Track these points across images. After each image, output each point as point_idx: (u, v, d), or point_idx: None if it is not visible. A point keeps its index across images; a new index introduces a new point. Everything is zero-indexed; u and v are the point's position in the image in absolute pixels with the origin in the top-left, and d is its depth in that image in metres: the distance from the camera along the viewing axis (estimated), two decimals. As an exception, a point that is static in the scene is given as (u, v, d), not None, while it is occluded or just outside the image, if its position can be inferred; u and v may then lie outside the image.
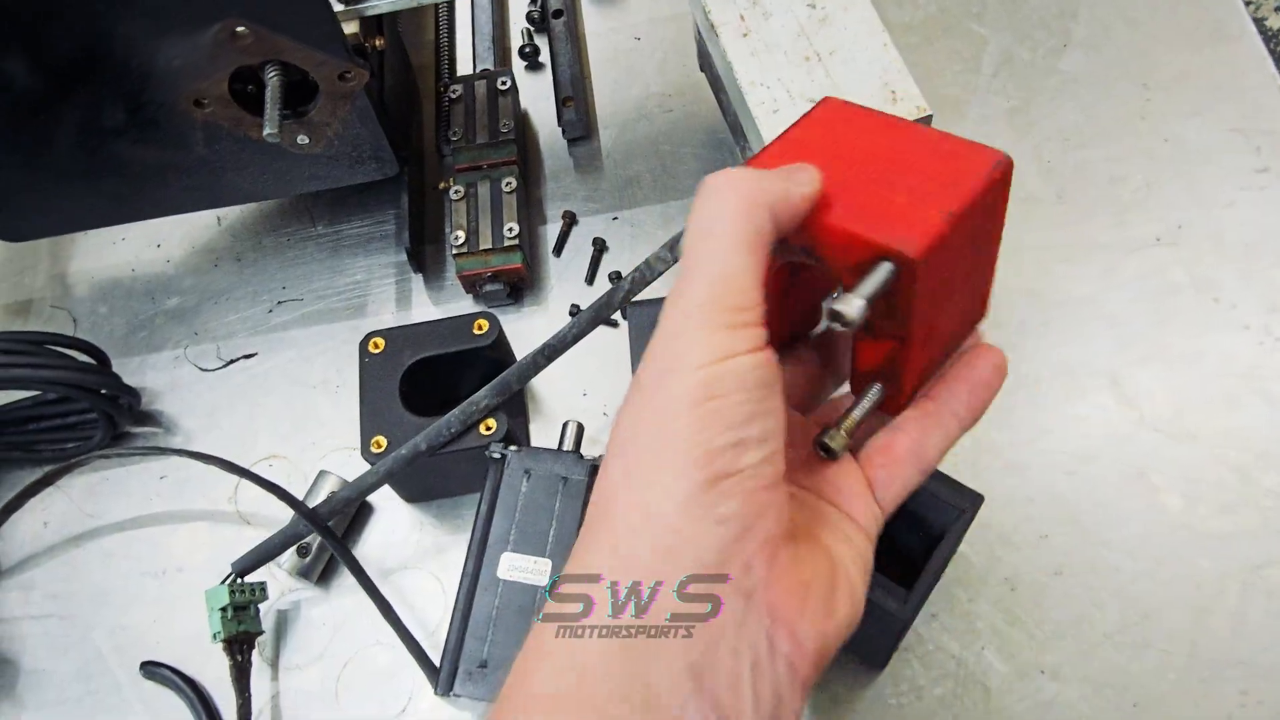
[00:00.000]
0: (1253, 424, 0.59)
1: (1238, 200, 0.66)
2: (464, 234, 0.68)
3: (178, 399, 0.69)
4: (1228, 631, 0.55)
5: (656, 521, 0.31)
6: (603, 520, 0.33)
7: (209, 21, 0.56)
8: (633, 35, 0.81)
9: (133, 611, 0.63)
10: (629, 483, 0.32)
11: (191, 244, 0.75)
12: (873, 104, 0.55)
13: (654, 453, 0.32)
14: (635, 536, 0.32)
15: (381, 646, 0.59)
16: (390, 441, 0.58)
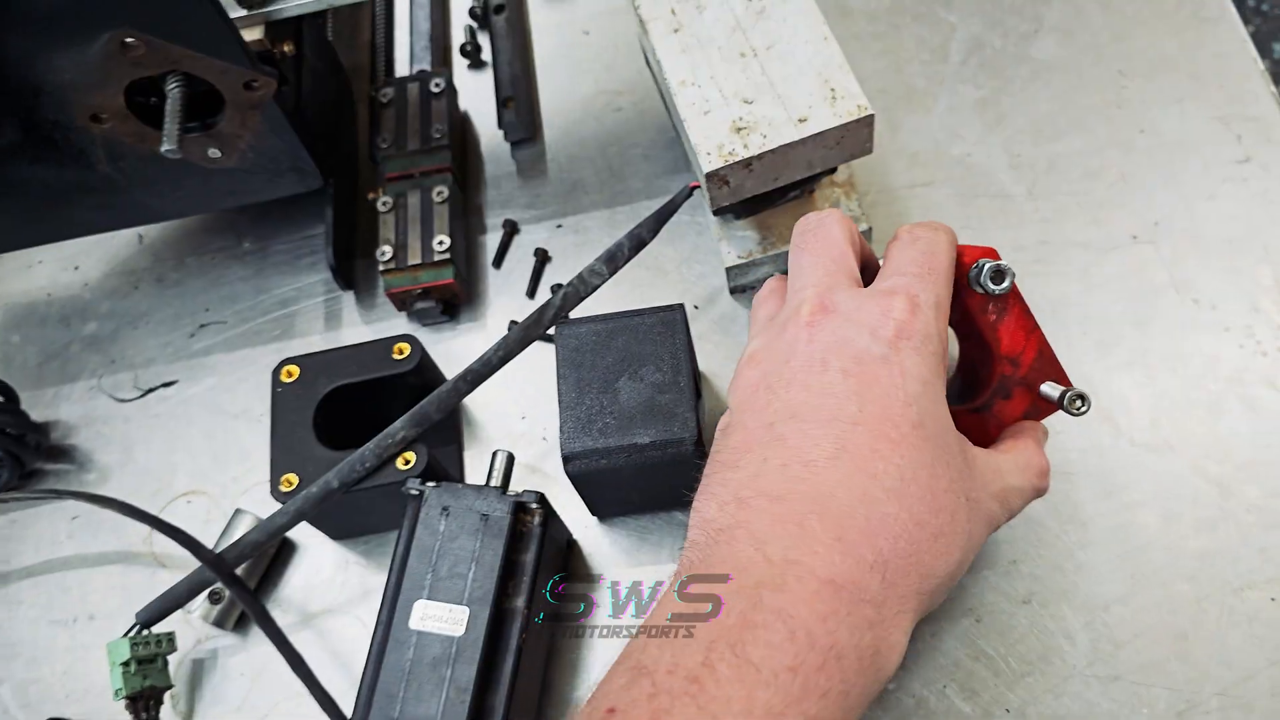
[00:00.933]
0: (1234, 433, 0.55)
1: (1219, 193, 0.61)
2: (391, 249, 0.64)
3: (93, 433, 0.65)
4: (1207, 660, 0.50)
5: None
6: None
7: (94, 33, 0.52)
8: (581, 30, 0.76)
9: (41, 664, 0.59)
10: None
11: (110, 265, 0.71)
12: (810, 101, 0.50)
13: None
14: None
15: (304, 698, 0.55)
16: (302, 478, 0.54)
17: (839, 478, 0.39)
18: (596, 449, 0.50)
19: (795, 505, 0.39)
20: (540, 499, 0.51)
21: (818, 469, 0.39)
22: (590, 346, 0.52)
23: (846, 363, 0.41)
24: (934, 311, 0.42)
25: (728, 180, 0.51)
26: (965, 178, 0.65)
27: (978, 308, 0.46)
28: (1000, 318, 0.46)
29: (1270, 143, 0.62)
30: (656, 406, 0.51)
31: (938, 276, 0.44)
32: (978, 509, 0.42)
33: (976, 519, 0.42)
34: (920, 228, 0.46)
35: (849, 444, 0.40)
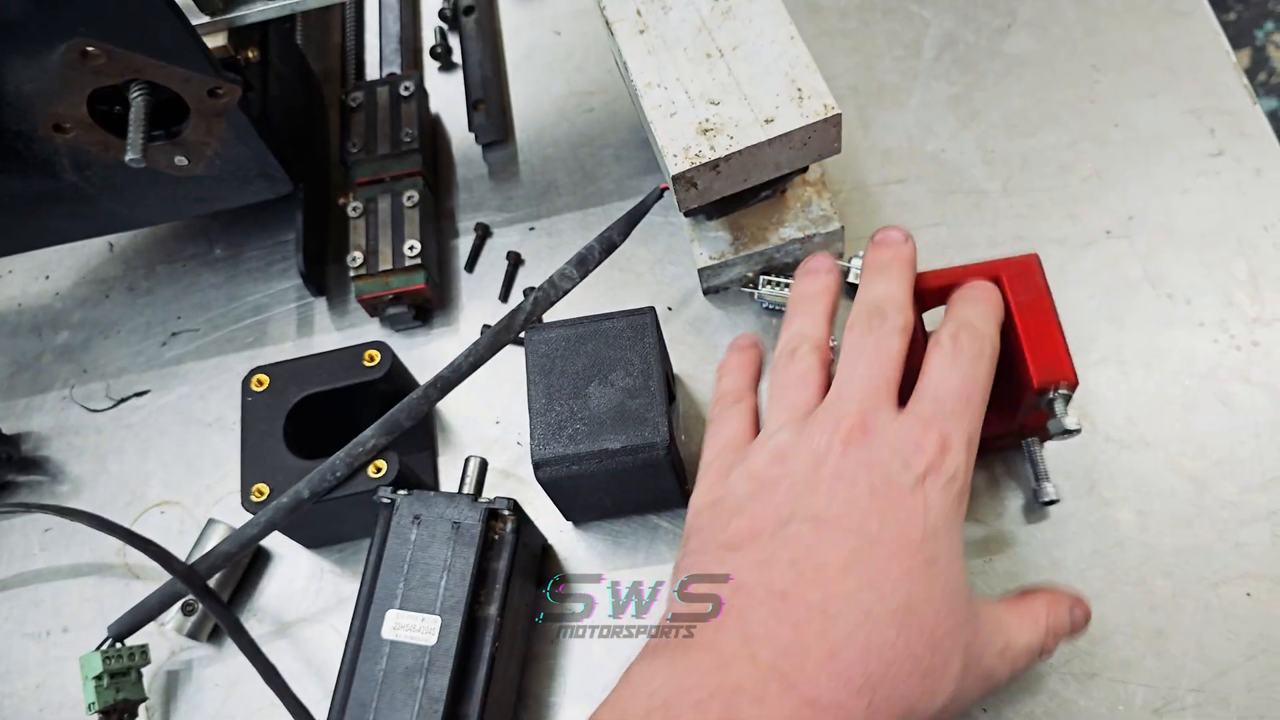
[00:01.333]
0: (1209, 429, 0.55)
1: (1193, 187, 0.61)
2: (361, 254, 0.63)
3: (65, 444, 0.65)
4: (1183, 656, 0.50)
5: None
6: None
7: (54, 42, 0.51)
8: (552, 30, 0.76)
9: (14, 678, 0.59)
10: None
11: (81, 274, 0.71)
12: (777, 102, 0.50)
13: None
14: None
15: (278, 708, 0.54)
16: (273, 488, 0.53)
17: (848, 589, 0.39)
18: (567, 455, 0.50)
19: (797, 607, 0.39)
20: (513, 505, 0.51)
21: (828, 575, 0.39)
22: (560, 352, 0.52)
23: (876, 482, 0.41)
24: (965, 450, 0.43)
25: (695, 182, 0.51)
26: (939, 174, 0.64)
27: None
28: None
29: (1243, 136, 0.62)
30: (627, 412, 0.50)
31: (974, 413, 0.44)
32: (976, 662, 0.41)
33: (972, 670, 0.41)
34: (965, 334, 0.46)
35: (864, 558, 0.40)
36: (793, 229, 0.59)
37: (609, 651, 0.54)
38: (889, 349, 0.45)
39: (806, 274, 0.50)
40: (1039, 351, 0.48)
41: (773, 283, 0.60)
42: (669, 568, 0.48)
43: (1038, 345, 0.48)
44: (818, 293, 0.49)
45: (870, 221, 0.63)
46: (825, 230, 0.59)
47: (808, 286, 0.50)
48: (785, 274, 0.61)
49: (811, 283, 0.50)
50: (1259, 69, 1.81)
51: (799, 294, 0.50)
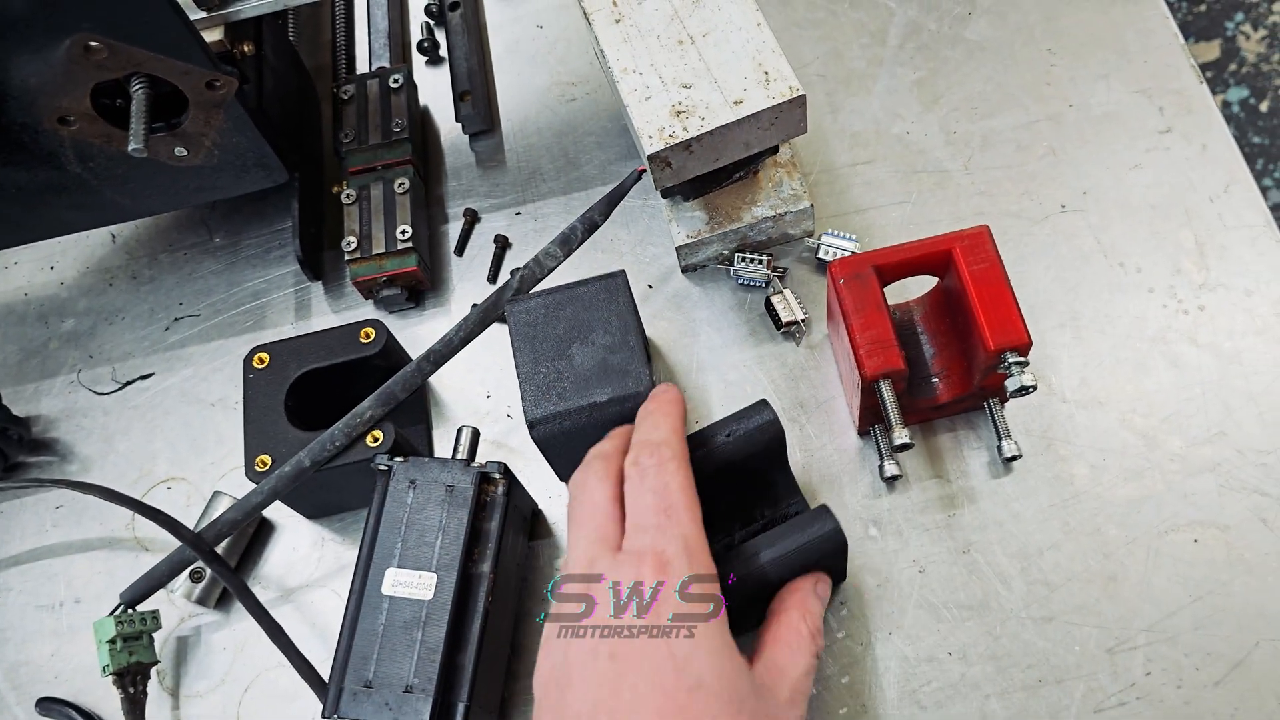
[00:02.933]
0: (1158, 388, 0.58)
1: (1143, 163, 0.65)
2: (356, 239, 0.66)
3: (73, 425, 0.67)
4: (1134, 598, 0.54)
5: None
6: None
7: (59, 37, 0.54)
8: (535, 23, 0.79)
9: (30, 647, 0.61)
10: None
11: (85, 263, 0.74)
12: (745, 85, 0.53)
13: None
14: None
15: (284, 668, 0.57)
16: (275, 459, 0.56)
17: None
18: (558, 412, 0.53)
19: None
20: (503, 469, 0.54)
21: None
22: (541, 319, 0.55)
23: (613, 646, 0.44)
24: (685, 553, 0.44)
25: (669, 161, 0.54)
26: (904, 155, 0.68)
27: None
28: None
29: (1190, 113, 0.65)
30: (610, 366, 0.53)
31: (680, 515, 0.46)
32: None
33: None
34: (643, 453, 0.48)
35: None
36: (765, 208, 0.62)
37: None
38: (590, 500, 0.48)
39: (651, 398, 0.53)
40: (993, 317, 0.51)
41: (747, 259, 0.63)
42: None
43: (991, 311, 0.51)
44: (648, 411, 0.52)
45: (839, 201, 0.67)
46: (795, 208, 0.62)
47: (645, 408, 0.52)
48: (759, 251, 0.64)
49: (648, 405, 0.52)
50: (1229, 59, 1.85)
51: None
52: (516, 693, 0.56)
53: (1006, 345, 0.51)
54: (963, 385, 0.56)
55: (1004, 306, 0.52)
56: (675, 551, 0.44)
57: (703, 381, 0.63)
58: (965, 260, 0.52)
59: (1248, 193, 0.62)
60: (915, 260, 0.54)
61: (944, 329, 0.57)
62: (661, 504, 0.46)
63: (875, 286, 0.53)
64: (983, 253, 0.53)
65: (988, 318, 0.51)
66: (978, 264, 0.52)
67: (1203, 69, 1.81)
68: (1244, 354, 0.58)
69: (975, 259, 0.52)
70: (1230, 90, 1.83)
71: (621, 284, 0.56)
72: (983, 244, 0.53)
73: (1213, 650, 0.52)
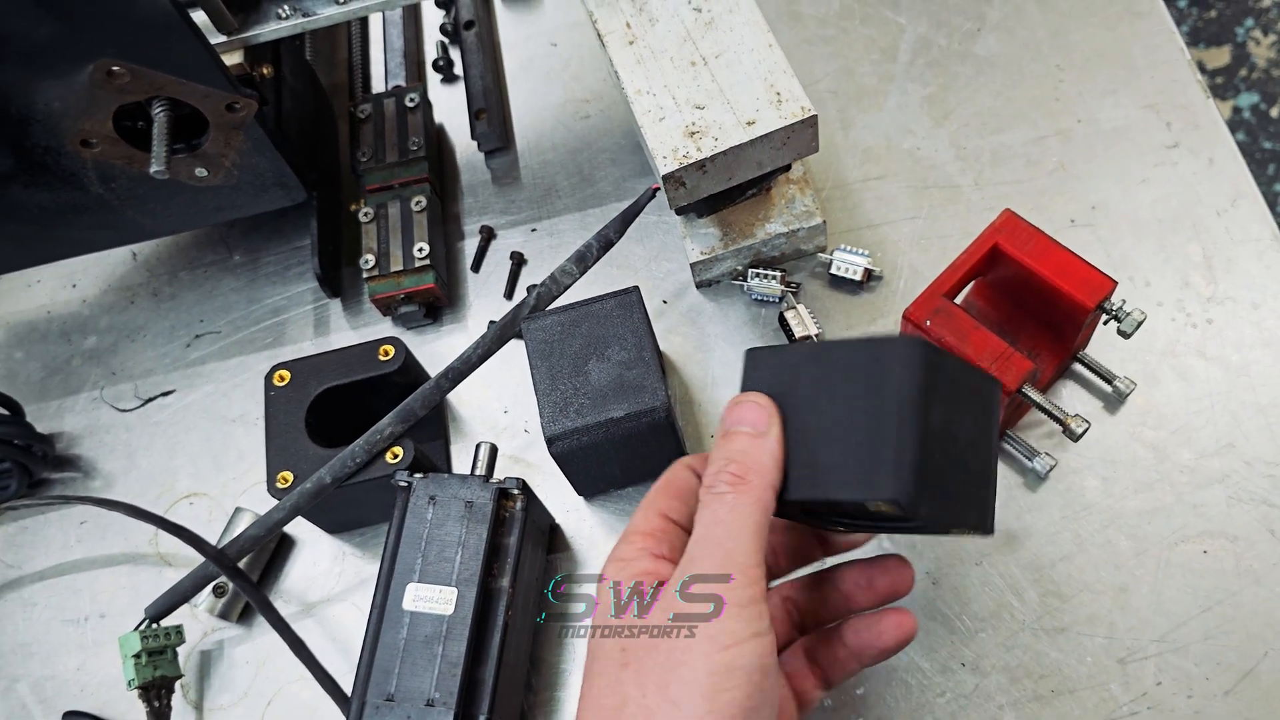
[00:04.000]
0: (1167, 400, 0.59)
1: (1151, 177, 0.65)
2: (374, 257, 0.67)
3: (96, 441, 0.69)
4: (1146, 609, 0.54)
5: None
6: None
7: (82, 63, 0.55)
8: (549, 41, 0.80)
9: (56, 661, 0.62)
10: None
11: (107, 282, 0.75)
12: (757, 105, 0.54)
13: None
14: None
15: (305, 682, 0.59)
16: (297, 476, 0.57)
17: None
18: (576, 428, 0.54)
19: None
20: (521, 485, 0.55)
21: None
22: (557, 336, 0.56)
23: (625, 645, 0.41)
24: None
25: (683, 181, 0.55)
26: (915, 170, 0.68)
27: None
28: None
29: (1197, 128, 0.66)
30: (626, 382, 0.54)
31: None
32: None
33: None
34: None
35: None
36: (778, 224, 0.63)
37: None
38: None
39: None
40: (1073, 280, 0.54)
41: (761, 275, 0.64)
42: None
43: (1067, 276, 0.54)
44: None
45: (851, 216, 0.67)
46: (808, 225, 0.63)
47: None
48: (773, 267, 0.65)
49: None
50: (1240, 65, 1.85)
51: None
52: (535, 705, 0.57)
53: (1101, 298, 0.53)
54: (1058, 355, 0.58)
55: (1074, 266, 0.54)
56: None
57: (716, 396, 0.63)
58: (1013, 246, 0.54)
59: (1254, 206, 0.63)
60: (970, 270, 0.55)
61: (1008, 315, 0.59)
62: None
63: (957, 311, 0.54)
64: (1023, 232, 0.55)
65: (1069, 283, 0.53)
66: (1026, 243, 0.54)
67: (1213, 75, 1.82)
68: (1252, 366, 0.59)
69: (1021, 240, 0.55)
70: (1241, 96, 1.83)
71: (636, 300, 0.57)
72: (1018, 225, 0.55)
73: (1222, 660, 0.53)
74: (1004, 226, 0.55)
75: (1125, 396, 0.59)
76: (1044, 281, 0.54)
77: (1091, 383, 0.60)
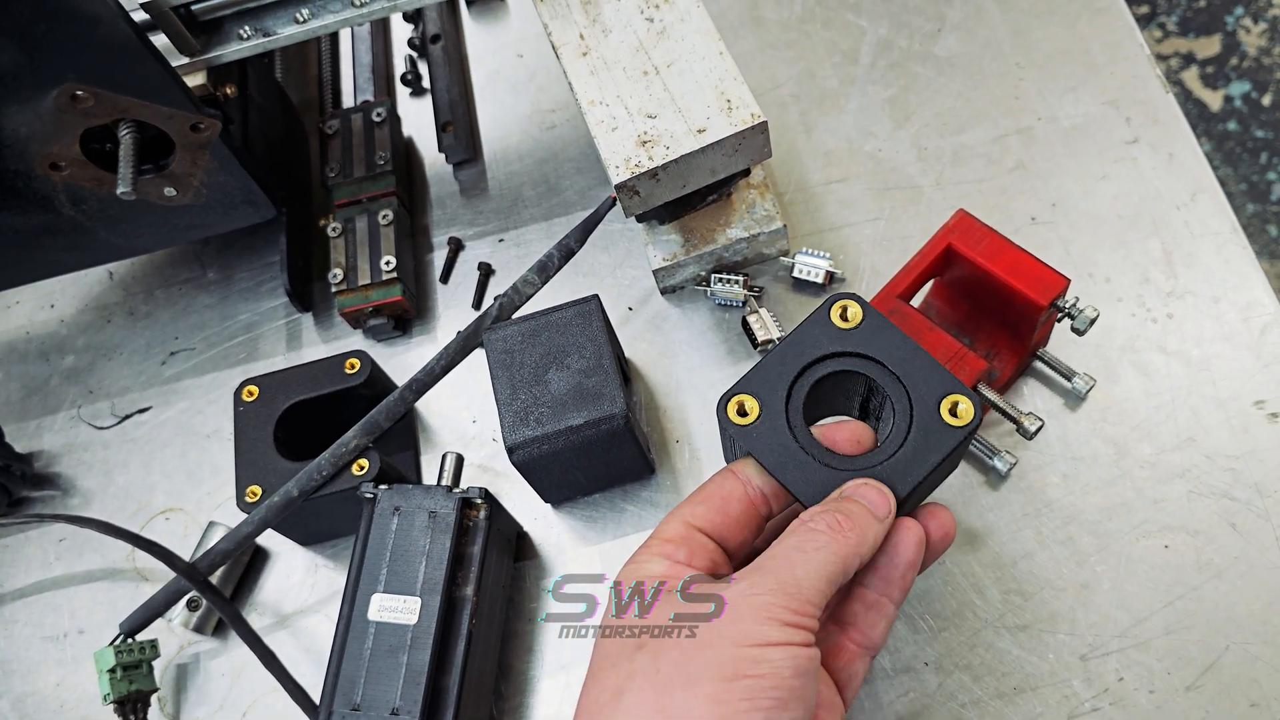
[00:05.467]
0: (1128, 396, 0.59)
1: (1111, 174, 0.66)
2: (342, 271, 0.68)
3: (75, 460, 0.69)
4: (1108, 605, 0.55)
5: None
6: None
7: (47, 88, 0.56)
8: (515, 53, 0.81)
9: (35, 677, 0.63)
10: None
11: (84, 301, 0.76)
12: (708, 113, 0.55)
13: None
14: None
15: (280, 693, 0.59)
16: (265, 489, 0.58)
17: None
18: (536, 437, 0.55)
19: None
20: (485, 494, 0.55)
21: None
22: (517, 346, 0.57)
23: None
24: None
25: (637, 190, 0.55)
26: (877, 172, 0.69)
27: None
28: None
29: (1157, 123, 0.66)
30: (585, 390, 0.55)
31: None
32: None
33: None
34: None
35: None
36: (739, 229, 0.64)
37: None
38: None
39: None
40: (1026, 278, 0.54)
41: (724, 280, 0.65)
42: (635, 544, 0.50)
43: (1021, 275, 0.54)
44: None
45: (813, 219, 0.68)
46: (769, 229, 0.64)
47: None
48: (735, 271, 0.65)
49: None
50: (1230, 54, 1.85)
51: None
52: (505, 713, 0.57)
53: (1053, 296, 0.54)
54: (1016, 354, 0.58)
55: (1027, 265, 0.54)
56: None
57: (682, 401, 0.64)
58: (966, 246, 0.55)
59: (1214, 200, 0.63)
60: (924, 271, 0.56)
61: (965, 314, 0.60)
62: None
63: (912, 312, 0.55)
64: (977, 232, 0.55)
65: (1022, 281, 0.54)
66: (979, 242, 0.55)
67: (1204, 64, 1.82)
68: (1212, 360, 0.59)
69: (974, 240, 0.55)
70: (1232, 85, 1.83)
71: (595, 308, 0.57)
72: (971, 225, 0.56)
73: (1184, 655, 0.53)
74: (957, 227, 0.56)
75: (1085, 393, 0.59)
76: (998, 280, 0.55)
77: (1052, 380, 0.61)
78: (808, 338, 0.47)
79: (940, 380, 0.45)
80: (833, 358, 0.47)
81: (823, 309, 0.47)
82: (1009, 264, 0.54)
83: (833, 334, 0.47)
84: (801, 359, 0.47)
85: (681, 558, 0.44)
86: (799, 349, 0.47)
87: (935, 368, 0.46)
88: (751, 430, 0.46)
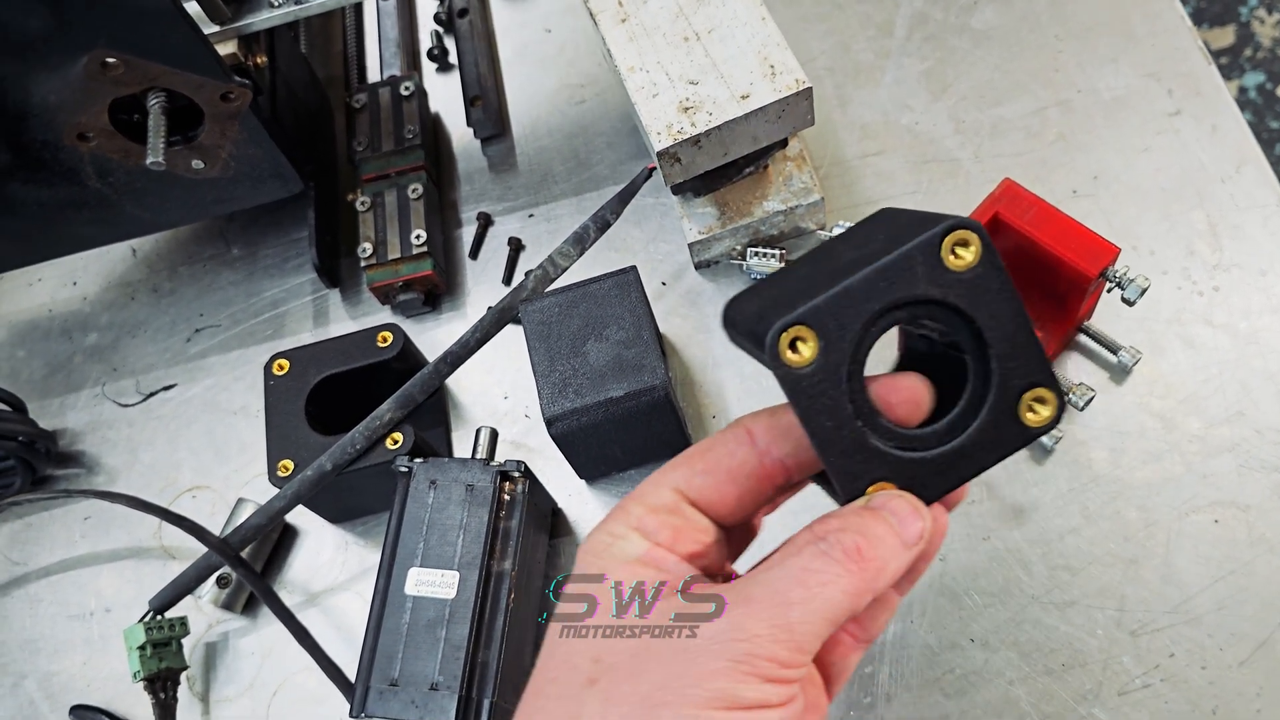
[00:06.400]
0: (1174, 369, 0.58)
1: (1153, 146, 0.64)
2: (371, 245, 0.67)
3: (99, 437, 0.69)
4: (1157, 581, 0.54)
5: None
6: None
7: (76, 54, 0.55)
8: (543, 27, 0.80)
9: (62, 656, 0.62)
10: None
11: (107, 278, 0.75)
12: (751, 79, 0.53)
13: None
14: None
15: (311, 671, 0.58)
16: (298, 464, 0.57)
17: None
18: (575, 409, 0.54)
19: None
20: (522, 467, 0.54)
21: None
22: (555, 318, 0.56)
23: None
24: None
25: (679, 157, 0.54)
26: (914, 146, 0.68)
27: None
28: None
29: (1199, 95, 0.65)
30: (624, 361, 0.54)
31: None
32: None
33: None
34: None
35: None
36: (776, 201, 0.63)
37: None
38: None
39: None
40: (1074, 248, 0.53)
41: (760, 254, 0.64)
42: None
43: (1069, 243, 0.53)
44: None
45: (849, 193, 0.67)
46: (806, 202, 0.63)
47: None
48: (772, 245, 0.64)
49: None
50: (1245, 44, 1.83)
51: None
52: (541, 689, 0.56)
53: (1104, 265, 0.53)
54: (1062, 327, 0.58)
55: (1076, 234, 0.53)
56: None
57: (718, 377, 0.63)
58: (1014, 215, 0.54)
59: (1260, 172, 0.62)
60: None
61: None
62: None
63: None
64: (1024, 201, 0.54)
65: (1071, 251, 0.53)
66: (1026, 212, 0.54)
67: (1218, 55, 1.80)
68: (1260, 333, 0.58)
69: (1021, 209, 0.54)
70: (1246, 75, 1.82)
71: (634, 280, 0.56)
72: (1018, 194, 0.54)
73: (1236, 630, 0.52)
74: (1003, 196, 0.55)
75: (1131, 367, 0.58)
76: (1045, 250, 0.53)
77: (1097, 354, 0.59)
78: (903, 270, 0.35)
79: (1034, 367, 0.36)
80: (922, 304, 0.35)
81: (934, 237, 0.35)
82: (1057, 233, 0.53)
83: (936, 273, 0.35)
84: (887, 295, 0.35)
85: (664, 539, 0.36)
86: (888, 282, 0.35)
87: (1035, 350, 0.36)
88: (802, 377, 0.34)
